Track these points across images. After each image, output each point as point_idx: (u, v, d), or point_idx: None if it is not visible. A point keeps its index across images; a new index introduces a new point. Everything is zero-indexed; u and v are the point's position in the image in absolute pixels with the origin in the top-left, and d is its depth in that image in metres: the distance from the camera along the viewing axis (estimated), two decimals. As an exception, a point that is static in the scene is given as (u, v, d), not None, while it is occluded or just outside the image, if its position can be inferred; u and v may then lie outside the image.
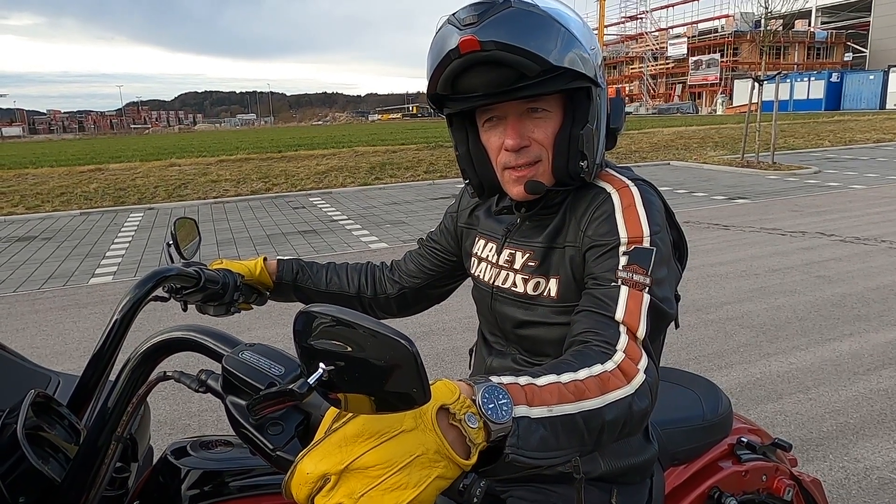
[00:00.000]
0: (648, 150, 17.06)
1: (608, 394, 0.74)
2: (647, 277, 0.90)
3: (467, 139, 1.07)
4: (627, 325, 0.85)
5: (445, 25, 0.95)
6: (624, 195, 1.00)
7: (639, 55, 61.87)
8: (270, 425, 0.62)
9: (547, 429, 0.66)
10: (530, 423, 0.65)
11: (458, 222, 1.28)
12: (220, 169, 16.14)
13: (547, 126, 1.00)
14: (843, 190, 10.03)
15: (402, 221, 8.94)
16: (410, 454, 0.55)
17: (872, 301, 4.55)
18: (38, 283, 6.28)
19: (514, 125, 0.99)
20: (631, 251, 0.93)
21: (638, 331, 0.85)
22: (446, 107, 1.04)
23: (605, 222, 0.97)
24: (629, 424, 0.76)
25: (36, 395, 0.88)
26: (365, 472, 0.54)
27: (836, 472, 2.54)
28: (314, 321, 0.54)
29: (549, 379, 0.71)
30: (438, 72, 0.95)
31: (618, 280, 0.90)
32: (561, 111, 1.00)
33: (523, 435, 0.64)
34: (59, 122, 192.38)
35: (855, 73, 43.43)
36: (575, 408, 0.70)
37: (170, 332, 0.79)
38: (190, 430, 3.05)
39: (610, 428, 0.74)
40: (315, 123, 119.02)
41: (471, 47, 0.89)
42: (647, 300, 0.88)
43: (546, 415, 0.67)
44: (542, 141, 1.00)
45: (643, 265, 0.91)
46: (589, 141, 0.99)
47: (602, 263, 0.94)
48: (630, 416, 0.76)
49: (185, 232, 1.31)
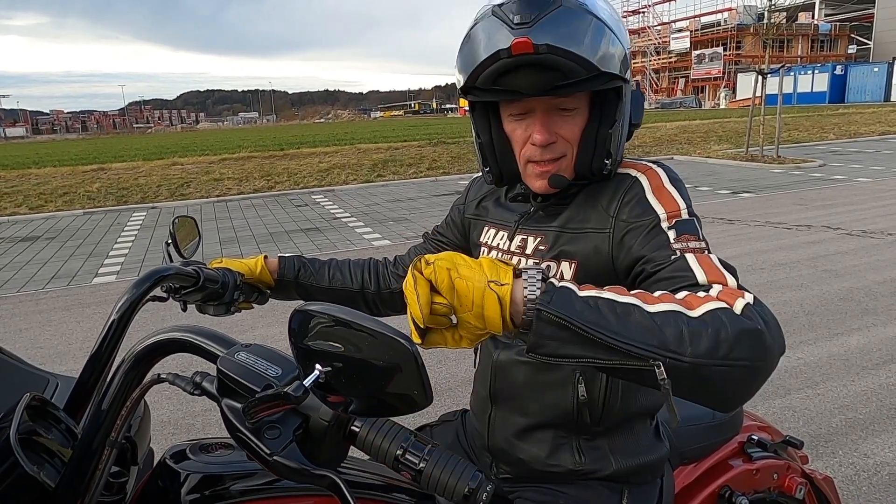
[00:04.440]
0: (652, 145, 17.00)
1: (695, 308, 0.70)
2: (701, 241, 0.88)
3: (490, 127, 1.05)
4: (715, 282, 0.80)
5: (490, 18, 0.92)
6: (651, 176, 0.99)
7: (641, 49, 61.65)
8: (267, 429, 0.59)
9: (591, 305, 0.68)
10: (570, 293, 0.69)
11: (465, 214, 1.26)
12: (223, 167, 16.14)
13: (574, 123, 0.98)
14: (849, 183, 9.97)
15: (405, 218, 8.92)
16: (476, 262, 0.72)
17: (880, 295, 4.51)
18: (41, 283, 6.28)
19: (544, 121, 0.97)
20: (674, 224, 0.91)
21: (728, 282, 0.80)
22: (473, 95, 1.00)
23: (638, 204, 0.96)
24: (741, 343, 0.67)
25: (31, 399, 0.86)
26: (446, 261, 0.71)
27: (845, 468, 2.51)
28: (310, 320, 0.52)
29: (619, 289, 0.73)
30: (483, 67, 0.92)
31: (676, 252, 0.87)
32: (587, 108, 0.99)
33: (558, 296, 0.68)
34: (63, 122, 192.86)
35: (859, 66, 43.18)
36: (636, 301, 0.70)
37: (164, 333, 0.77)
38: (193, 431, 3.04)
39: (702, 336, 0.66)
40: (317, 121, 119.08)
41: (524, 49, 0.87)
42: (715, 258, 0.85)
43: (594, 294, 0.70)
44: (569, 138, 0.99)
45: (692, 233, 0.89)
46: (615, 139, 0.99)
47: (650, 243, 0.91)
48: (731, 331, 0.67)
49: (184, 231, 1.29)
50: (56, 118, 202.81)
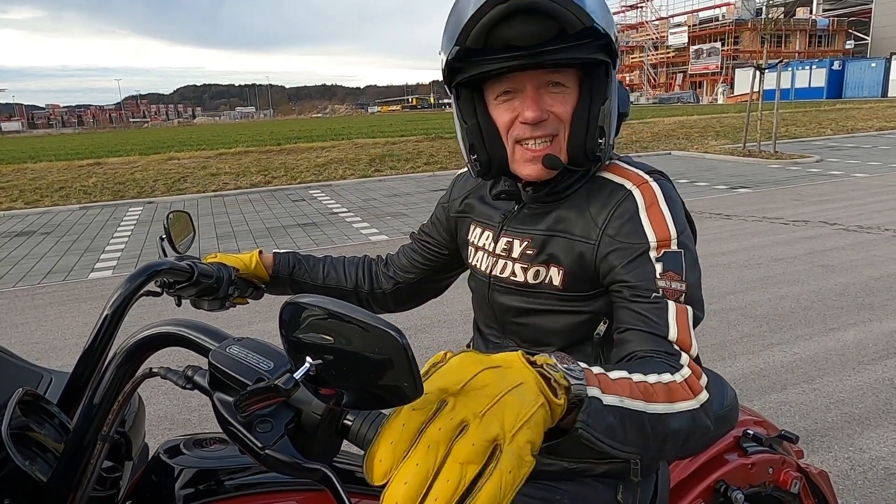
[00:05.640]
0: (650, 140, 17.00)
1: (676, 403, 0.73)
2: (683, 283, 0.89)
3: (475, 113, 1.01)
4: (682, 345, 0.84)
5: None
6: (645, 192, 0.97)
7: (639, 44, 61.59)
8: (259, 423, 0.59)
9: (616, 418, 0.64)
10: (602, 407, 0.63)
11: (450, 212, 1.25)
12: (220, 162, 16.10)
13: (566, 100, 0.96)
14: (846, 178, 9.98)
15: (402, 213, 8.91)
16: (516, 381, 0.54)
17: (877, 290, 4.52)
18: (37, 277, 6.27)
19: (534, 97, 0.95)
20: (662, 256, 0.91)
21: (691, 349, 0.84)
22: (462, 73, 0.97)
23: (629, 223, 0.94)
24: (692, 439, 0.75)
25: (24, 394, 0.85)
26: (482, 391, 0.52)
27: (841, 462, 2.52)
28: (302, 313, 0.52)
29: (621, 374, 0.70)
30: (475, 20, 0.87)
31: (659, 291, 0.88)
32: (577, 87, 0.97)
33: (594, 414, 0.62)
34: (59, 116, 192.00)
35: (857, 61, 43.20)
36: (644, 406, 0.69)
37: (155, 327, 0.76)
38: (190, 425, 3.04)
39: (674, 437, 0.72)
40: (314, 116, 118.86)
41: None
42: (690, 314, 0.87)
43: (617, 404, 0.65)
44: (561, 115, 0.97)
45: (677, 271, 0.89)
46: (608, 117, 0.97)
47: (635, 271, 0.91)
48: (693, 430, 0.74)
49: (179, 226, 1.28)
50: (52, 112, 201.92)
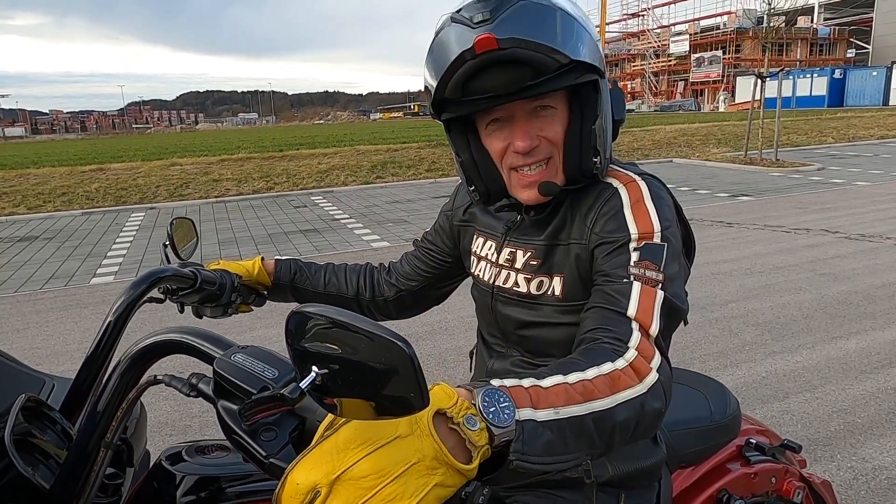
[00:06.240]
0: (651, 148, 17.01)
1: (619, 393, 0.71)
2: (660, 273, 0.87)
3: (469, 145, 1.02)
4: (640, 322, 0.82)
5: (451, 25, 0.89)
6: (632, 190, 0.97)
7: (641, 52, 61.72)
8: (264, 431, 0.59)
9: (554, 432, 0.63)
10: (536, 427, 0.62)
11: (453, 220, 1.25)
12: (222, 168, 16.12)
13: (555, 123, 0.96)
14: (847, 187, 9.98)
15: (403, 220, 8.92)
16: (406, 462, 0.52)
17: (879, 298, 4.51)
18: (39, 283, 6.27)
19: (523, 126, 0.95)
20: (642, 247, 0.89)
21: (651, 328, 0.81)
22: (447, 111, 0.97)
23: (614, 218, 0.94)
24: (642, 425, 0.73)
25: (26, 400, 0.85)
26: (358, 483, 0.51)
27: (844, 472, 2.51)
28: (308, 322, 0.52)
29: (556, 380, 0.68)
30: (449, 74, 0.88)
31: (629, 276, 0.87)
32: (567, 107, 0.97)
33: (528, 439, 0.60)
34: (62, 122, 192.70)
35: (858, 70, 43.24)
36: (584, 409, 0.67)
37: (160, 334, 0.76)
38: (191, 432, 3.03)
39: (622, 429, 0.70)
40: (317, 122, 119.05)
41: (488, 46, 0.84)
42: (660, 297, 0.85)
43: (553, 417, 0.64)
44: (553, 139, 0.96)
45: (655, 261, 0.88)
46: (601, 135, 0.96)
47: (612, 260, 0.91)
48: (642, 416, 0.72)
49: (182, 232, 1.29)
50: (55, 118, 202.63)
